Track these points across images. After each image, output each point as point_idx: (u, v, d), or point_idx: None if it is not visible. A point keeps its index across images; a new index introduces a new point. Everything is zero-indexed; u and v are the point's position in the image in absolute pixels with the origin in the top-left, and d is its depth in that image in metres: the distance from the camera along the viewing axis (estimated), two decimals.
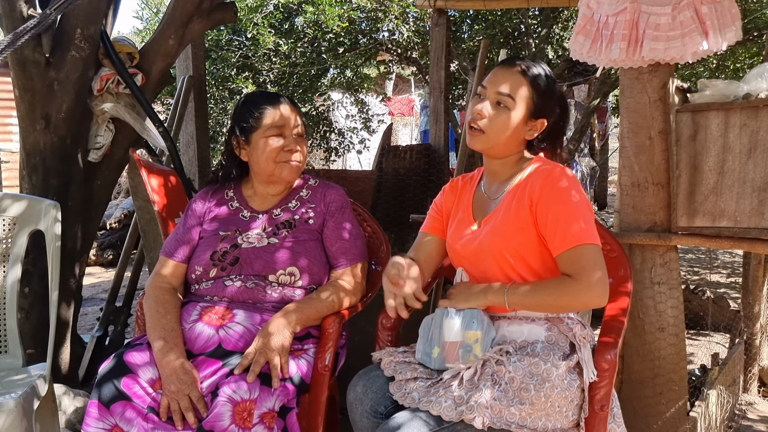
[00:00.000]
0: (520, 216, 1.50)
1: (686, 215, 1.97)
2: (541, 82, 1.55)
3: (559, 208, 1.45)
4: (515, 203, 1.52)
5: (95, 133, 2.40)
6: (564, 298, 1.45)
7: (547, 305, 1.49)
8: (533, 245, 1.50)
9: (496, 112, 1.54)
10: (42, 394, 1.76)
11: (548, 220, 1.47)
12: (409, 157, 4.18)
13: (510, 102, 1.53)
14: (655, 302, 2.05)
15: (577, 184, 1.50)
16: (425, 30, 5.86)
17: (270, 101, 1.82)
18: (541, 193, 1.48)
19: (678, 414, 2.07)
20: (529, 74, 1.54)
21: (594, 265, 1.43)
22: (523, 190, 1.52)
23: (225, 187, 1.92)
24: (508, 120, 1.53)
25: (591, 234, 1.45)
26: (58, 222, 1.92)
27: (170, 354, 1.56)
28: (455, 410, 1.37)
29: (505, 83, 1.54)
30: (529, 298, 1.48)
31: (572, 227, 1.44)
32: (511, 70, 1.56)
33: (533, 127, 1.56)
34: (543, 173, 1.51)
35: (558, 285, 1.46)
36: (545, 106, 1.55)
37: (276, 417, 1.52)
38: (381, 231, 2.12)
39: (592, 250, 1.44)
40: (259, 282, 1.73)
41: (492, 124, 1.54)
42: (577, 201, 1.46)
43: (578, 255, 1.43)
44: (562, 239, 1.45)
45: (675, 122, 1.97)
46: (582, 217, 1.46)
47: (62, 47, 2.20)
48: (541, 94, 1.54)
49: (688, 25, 1.86)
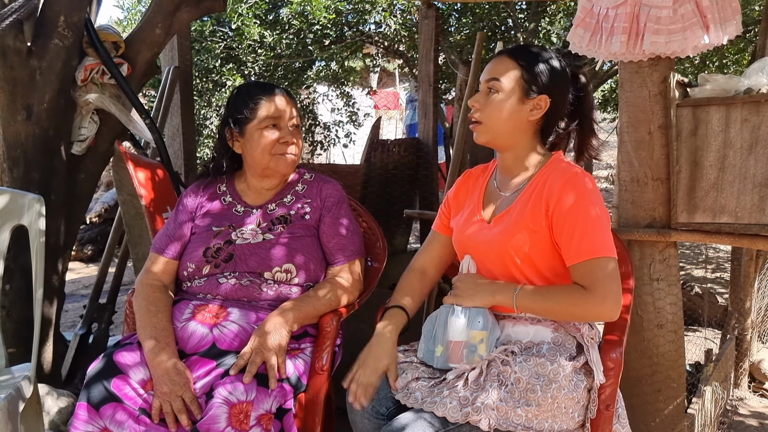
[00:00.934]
0: (535, 219, 1.45)
1: (686, 211, 1.96)
2: (529, 58, 1.50)
3: (577, 217, 1.41)
4: (531, 205, 1.47)
5: (79, 124, 2.31)
6: (575, 308, 1.42)
7: (556, 313, 1.45)
8: (545, 250, 1.46)
9: (486, 99, 1.51)
10: (27, 395, 1.69)
11: (564, 228, 1.42)
12: (397, 151, 4.14)
13: (497, 85, 1.49)
14: (653, 299, 2.03)
15: (597, 191, 1.45)
16: (412, 23, 5.81)
17: (266, 92, 1.76)
18: (560, 199, 1.42)
19: (676, 411, 2.06)
20: (515, 54, 1.50)
21: (609, 279, 1.39)
22: (540, 191, 1.47)
23: (217, 181, 1.86)
24: (500, 103, 1.49)
25: (608, 246, 1.41)
26: (42, 217, 1.85)
27: (162, 354, 1.50)
28: (461, 411, 1.34)
29: (491, 70, 1.51)
30: (539, 304, 1.44)
31: (590, 238, 1.40)
32: (499, 56, 1.53)
33: (535, 106, 1.49)
34: (562, 176, 1.45)
35: (570, 294, 1.42)
36: (541, 81, 1.49)
37: (273, 419, 1.47)
38: (377, 226, 2.08)
39: (609, 263, 1.40)
40: (254, 279, 1.68)
41: (485, 112, 1.51)
42: (595, 211, 1.41)
43: (594, 267, 1.39)
44: (577, 250, 1.41)
45: (675, 117, 1.95)
46: (600, 228, 1.41)
47: (45, 35, 2.11)
48: (530, 70, 1.48)
49: (690, 19, 1.83)
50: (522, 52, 1.51)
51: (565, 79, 1.53)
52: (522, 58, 1.50)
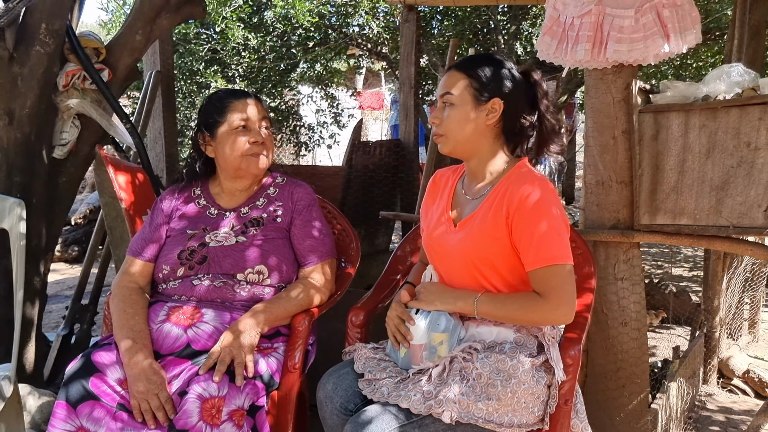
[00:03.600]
0: (496, 226, 1.50)
1: (648, 213, 2.03)
2: (474, 66, 1.55)
3: (535, 225, 1.46)
4: (492, 211, 1.52)
5: (60, 129, 2.35)
6: (531, 315, 1.48)
7: (514, 319, 1.52)
8: (506, 256, 1.51)
9: (443, 112, 1.57)
10: (7, 395, 1.73)
11: (523, 235, 1.47)
12: (378, 153, 4.19)
13: (450, 97, 1.55)
14: (618, 297, 2.11)
15: (555, 198, 1.50)
16: (395, 25, 5.87)
17: (236, 96, 1.83)
18: (519, 206, 1.47)
19: (640, 406, 2.14)
20: (463, 66, 1.57)
21: (563, 286, 1.45)
22: (501, 198, 1.52)
23: (192, 185, 1.91)
24: (456, 113, 1.55)
25: (564, 254, 1.46)
26: (22, 220, 1.89)
27: (138, 354, 1.55)
28: (424, 404, 1.40)
29: (443, 85, 1.58)
30: (497, 311, 1.51)
31: (546, 246, 1.45)
32: (449, 72, 1.59)
33: (489, 110, 1.54)
34: (522, 184, 1.49)
35: (526, 302, 1.48)
36: (487, 86, 1.54)
37: (245, 415, 1.52)
38: (351, 228, 2.13)
39: (564, 270, 1.46)
40: (228, 281, 1.73)
41: (445, 125, 1.57)
42: (553, 218, 1.46)
43: (550, 275, 1.45)
44: (535, 257, 1.46)
45: (638, 122, 2.02)
46: (557, 235, 1.46)
47: (26, 42, 2.15)
48: (477, 77, 1.54)
49: (651, 28, 1.90)
50: (468, 63, 1.58)
51: (514, 79, 1.57)
52: (468, 68, 1.56)
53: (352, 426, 1.42)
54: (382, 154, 4.19)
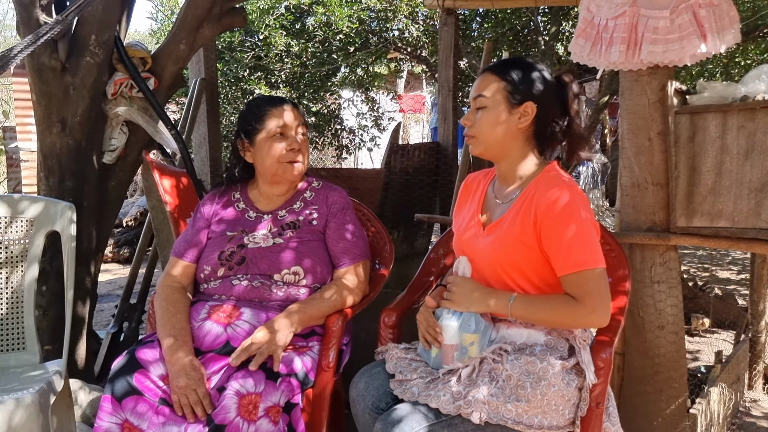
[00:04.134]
0: (523, 230, 1.51)
1: (685, 215, 2.00)
2: (509, 69, 1.57)
3: (563, 229, 1.46)
4: (521, 216, 1.52)
5: (109, 135, 2.48)
6: (567, 318, 1.49)
7: (548, 322, 1.52)
8: (534, 260, 1.52)
9: (476, 114, 1.59)
10: (58, 389, 1.83)
11: (552, 241, 1.47)
12: (417, 156, 4.22)
13: (484, 100, 1.57)
14: (654, 301, 2.08)
15: (584, 201, 1.50)
16: (434, 29, 5.88)
17: (273, 104, 1.88)
18: (546, 211, 1.47)
19: (678, 411, 2.11)
20: (497, 69, 1.58)
21: (597, 290, 1.45)
22: (530, 202, 1.52)
23: (232, 189, 1.98)
24: (489, 116, 1.56)
25: (596, 257, 1.46)
26: (73, 223, 2.00)
27: (179, 351, 1.62)
28: (453, 404, 1.42)
29: (477, 88, 1.60)
30: (531, 313, 1.51)
31: (577, 250, 1.45)
32: (482, 75, 1.61)
33: (522, 114, 1.55)
34: (549, 188, 1.50)
35: (562, 305, 1.48)
36: (523, 90, 1.55)
37: (281, 412, 1.58)
38: (385, 231, 2.16)
39: (597, 274, 1.46)
40: (265, 281, 1.79)
41: (477, 126, 1.58)
42: (582, 221, 1.46)
43: (583, 279, 1.45)
44: (565, 262, 1.46)
45: (674, 124, 2.00)
46: (586, 239, 1.46)
47: (77, 53, 2.27)
48: (511, 80, 1.55)
49: (686, 29, 1.88)
50: (502, 66, 1.59)
51: (547, 83, 1.58)
52: (503, 71, 1.57)
53: (382, 424, 1.45)
54: (420, 156, 4.22)
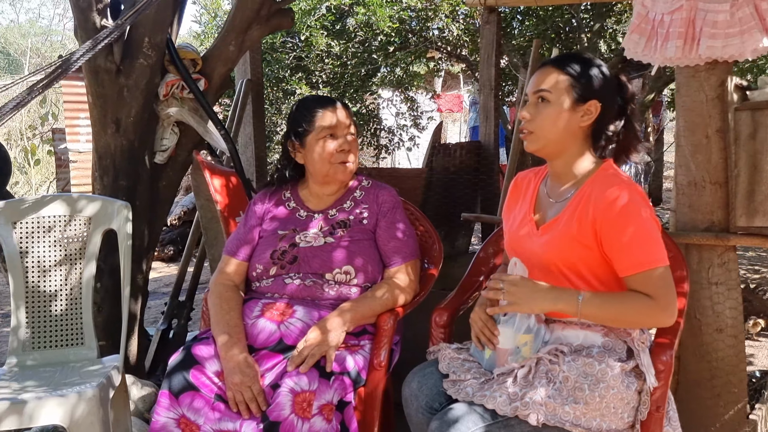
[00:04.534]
0: (581, 230, 1.48)
1: (745, 215, 1.94)
2: (577, 66, 1.52)
3: (626, 229, 1.43)
4: (578, 216, 1.49)
5: (161, 136, 2.53)
6: (640, 316, 1.45)
7: (618, 321, 1.47)
8: (591, 260, 1.49)
9: (537, 109, 1.54)
10: (116, 384, 1.87)
11: (614, 241, 1.44)
12: (459, 155, 4.19)
13: (548, 94, 1.52)
14: (712, 303, 2.02)
15: (644, 199, 1.47)
16: (475, 27, 5.85)
17: (322, 104, 1.88)
18: (606, 211, 1.44)
19: (737, 417, 2.04)
20: (562, 63, 1.54)
21: (667, 287, 1.43)
22: (587, 201, 1.49)
23: (282, 188, 1.99)
24: (551, 111, 1.51)
25: (661, 255, 1.43)
26: (129, 221, 2.04)
27: (234, 348, 1.65)
28: (510, 405, 1.40)
29: (539, 80, 1.54)
30: (603, 311, 1.46)
31: (643, 249, 1.42)
32: (544, 67, 1.56)
33: (586, 112, 1.52)
34: (608, 188, 1.46)
35: (635, 303, 1.44)
36: (590, 87, 1.51)
37: (334, 410, 1.58)
38: (433, 230, 2.15)
39: (663, 271, 1.43)
40: (317, 280, 1.80)
41: (537, 121, 1.53)
42: (644, 220, 1.43)
43: (653, 277, 1.42)
44: (630, 262, 1.43)
45: (733, 120, 1.94)
46: (651, 237, 1.43)
47: (131, 55, 2.33)
48: (579, 76, 1.51)
49: (748, 22, 1.82)
50: (568, 61, 1.55)
51: (611, 83, 1.55)
52: (569, 66, 1.53)
53: (438, 423, 1.44)
54: (462, 156, 4.20)
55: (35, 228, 2.04)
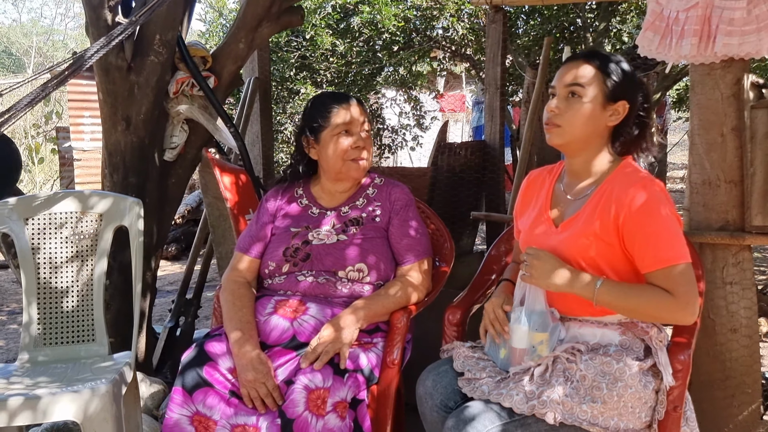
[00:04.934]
0: (603, 227, 1.47)
1: (761, 214, 1.93)
2: (611, 65, 1.51)
3: (650, 225, 1.42)
4: (599, 212, 1.48)
5: (171, 133, 2.52)
6: (657, 310, 1.43)
7: (634, 312, 1.46)
8: (611, 257, 1.48)
9: (567, 103, 1.51)
10: (128, 380, 1.86)
11: (638, 236, 1.43)
12: (464, 154, 4.19)
13: (580, 89, 1.50)
14: (726, 303, 2.01)
15: (666, 196, 1.46)
16: (479, 26, 5.84)
17: (338, 101, 1.87)
18: (629, 209, 1.44)
19: (751, 418, 2.03)
20: (595, 60, 1.52)
21: (689, 284, 1.41)
22: (608, 199, 1.48)
23: (294, 185, 1.98)
24: (582, 106, 1.49)
25: (684, 252, 1.42)
26: (140, 218, 2.03)
27: (246, 345, 1.64)
28: (527, 404, 1.39)
29: (571, 74, 1.52)
30: (621, 301, 1.44)
31: (666, 245, 1.42)
32: (576, 62, 1.53)
33: (614, 111, 1.51)
34: (631, 184, 1.46)
35: (654, 296, 1.42)
36: (621, 87, 1.50)
37: (348, 407, 1.58)
38: (445, 228, 2.15)
39: (686, 268, 1.42)
40: (330, 278, 1.79)
41: (566, 116, 1.51)
42: (667, 217, 1.43)
43: (675, 273, 1.41)
44: (654, 258, 1.42)
45: (749, 119, 1.93)
46: (674, 234, 1.43)
47: (142, 53, 2.32)
48: (612, 76, 1.49)
49: (765, 19, 1.81)
50: (602, 58, 1.52)
51: (638, 84, 1.54)
52: (603, 63, 1.51)
53: (455, 421, 1.43)
54: (467, 155, 4.19)
55: (47, 224, 2.03)
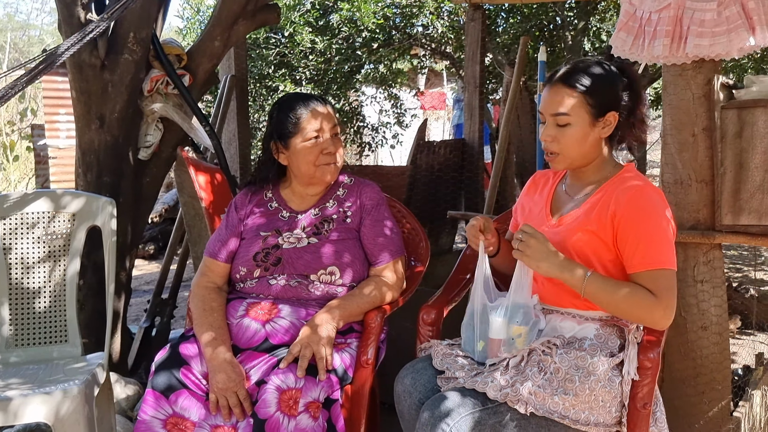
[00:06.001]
0: (600, 225, 1.50)
1: (731, 213, 1.96)
2: (590, 81, 1.52)
3: (644, 227, 1.46)
4: (597, 211, 1.52)
5: (145, 132, 2.49)
6: (639, 309, 1.46)
7: (619, 308, 1.48)
8: (602, 255, 1.51)
9: (558, 131, 1.55)
10: (101, 381, 1.85)
11: (630, 236, 1.47)
12: (443, 153, 4.20)
13: (566, 118, 1.53)
14: (697, 300, 2.04)
15: (665, 202, 1.50)
16: (459, 24, 5.85)
17: (307, 105, 1.82)
18: (627, 209, 1.47)
19: (721, 414, 2.07)
20: (574, 82, 1.52)
21: (672, 290, 1.45)
22: (607, 200, 1.51)
23: (263, 188, 1.94)
24: (572, 131, 1.53)
25: (672, 258, 1.46)
26: (113, 218, 2.01)
27: (219, 348, 1.62)
28: (500, 392, 1.41)
29: (554, 103, 1.54)
30: (607, 295, 1.46)
31: (656, 248, 1.45)
32: (555, 87, 1.55)
33: (605, 124, 1.54)
34: (631, 188, 1.50)
35: (640, 295, 1.45)
36: (605, 100, 1.52)
37: (321, 407, 1.57)
38: (420, 228, 2.14)
39: (673, 275, 1.46)
40: (302, 281, 1.78)
41: (562, 144, 1.55)
42: (662, 223, 1.46)
43: (660, 277, 1.45)
44: (642, 259, 1.45)
45: (720, 119, 1.96)
46: (667, 239, 1.47)
47: (116, 51, 2.29)
48: (593, 93, 1.51)
49: (735, 21, 1.84)
50: (576, 76, 1.53)
51: (619, 84, 1.55)
52: (579, 82, 1.52)
53: (429, 411, 1.43)
54: (446, 153, 4.21)
55: (19, 224, 2.00)
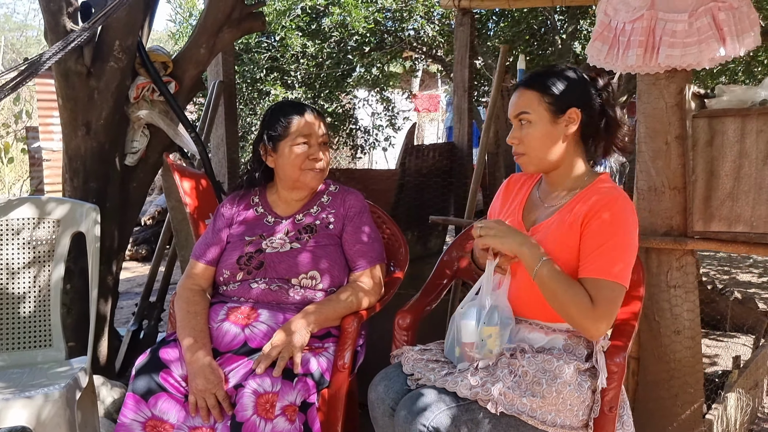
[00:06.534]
0: (570, 233, 1.53)
1: (702, 220, 2.00)
2: (542, 80, 1.58)
3: (607, 236, 1.48)
4: (570, 219, 1.54)
5: (131, 138, 2.52)
6: (576, 310, 1.47)
7: (560, 302, 1.49)
8: (568, 258, 1.53)
9: (521, 131, 1.59)
10: (83, 385, 1.88)
11: (591, 241, 1.49)
12: (432, 156, 4.22)
13: (526, 116, 1.58)
14: (671, 305, 2.08)
15: (635, 220, 1.52)
16: (450, 28, 5.89)
17: (297, 111, 1.90)
18: (595, 216, 1.50)
19: (694, 416, 2.11)
20: (529, 83, 1.59)
21: (613, 303, 1.47)
22: (580, 210, 1.54)
23: (251, 192, 2.00)
24: (533, 129, 1.57)
25: (625, 276, 1.48)
26: (97, 224, 2.05)
27: (199, 352, 1.66)
28: (470, 391, 1.45)
29: (516, 105, 1.60)
30: (555, 283, 1.47)
31: (610, 259, 1.47)
32: (517, 91, 1.62)
33: (568, 121, 1.57)
34: (604, 198, 1.52)
35: (580, 296, 1.47)
36: (565, 97, 1.56)
37: (297, 411, 1.61)
38: (400, 233, 2.18)
39: (620, 292, 1.48)
40: (283, 285, 1.82)
41: (525, 143, 1.59)
42: (628, 240, 1.49)
43: (606, 287, 1.47)
44: (594, 263, 1.48)
45: (692, 127, 2.00)
46: (625, 255, 1.49)
47: (102, 58, 2.32)
48: (549, 91, 1.56)
49: (705, 32, 1.88)
50: (536, 78, 1.60)
51: (585, 85, 1.60)
52: (538, 83, 1.58)
53: (406, 409, 1.47)
54: (435, 157, 4.23)
55: (3, 230, 2.04)
